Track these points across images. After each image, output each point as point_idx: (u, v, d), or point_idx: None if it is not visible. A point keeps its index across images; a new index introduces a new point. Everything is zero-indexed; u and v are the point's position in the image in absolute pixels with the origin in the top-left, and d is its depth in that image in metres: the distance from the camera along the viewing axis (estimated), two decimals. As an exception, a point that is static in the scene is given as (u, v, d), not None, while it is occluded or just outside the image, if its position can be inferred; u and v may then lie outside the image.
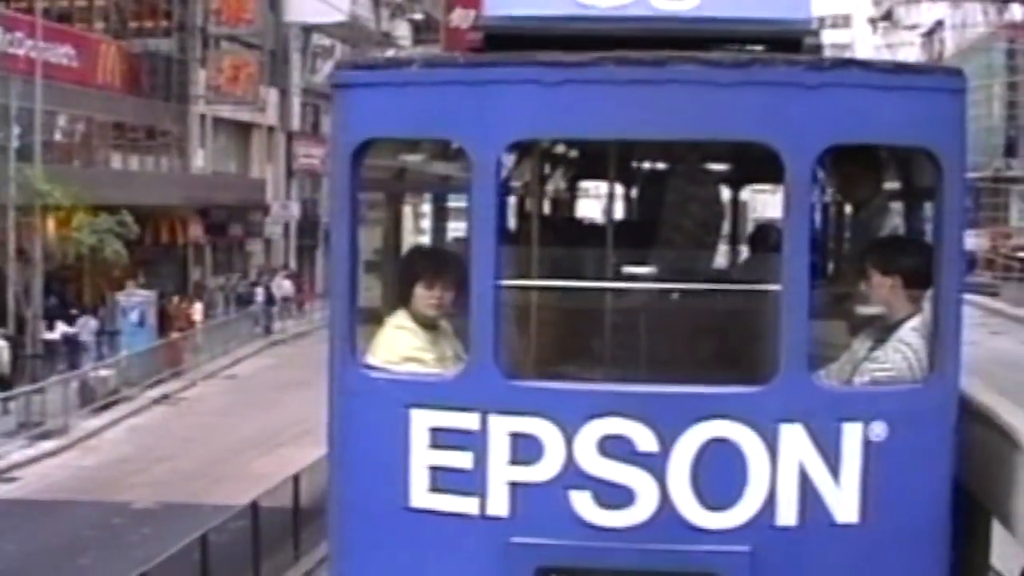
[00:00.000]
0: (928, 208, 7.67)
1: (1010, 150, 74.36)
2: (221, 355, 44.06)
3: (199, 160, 54.29)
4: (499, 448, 6.81)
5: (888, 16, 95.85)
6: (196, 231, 52.02)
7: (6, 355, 35.06)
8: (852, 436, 6.72)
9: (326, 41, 63.24)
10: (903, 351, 7.04)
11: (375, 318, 7.81)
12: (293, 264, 61.21)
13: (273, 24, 57.76)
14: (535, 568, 6.81)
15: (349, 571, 7.44)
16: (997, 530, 7.48)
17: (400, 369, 7.21)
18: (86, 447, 32.09)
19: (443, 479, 6.91)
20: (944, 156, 6.78)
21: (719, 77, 6.66)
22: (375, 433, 7.10)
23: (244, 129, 58.51)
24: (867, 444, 6.73)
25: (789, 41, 7.11)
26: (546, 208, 11.13)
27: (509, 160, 9.03)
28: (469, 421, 6.83)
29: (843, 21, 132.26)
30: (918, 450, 6.82)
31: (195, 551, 18.73)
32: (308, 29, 60.83)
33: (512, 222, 9.71)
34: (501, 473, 6.82)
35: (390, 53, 56.28)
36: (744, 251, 10.78)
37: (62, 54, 40.16)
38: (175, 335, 42.88)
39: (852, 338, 7.46)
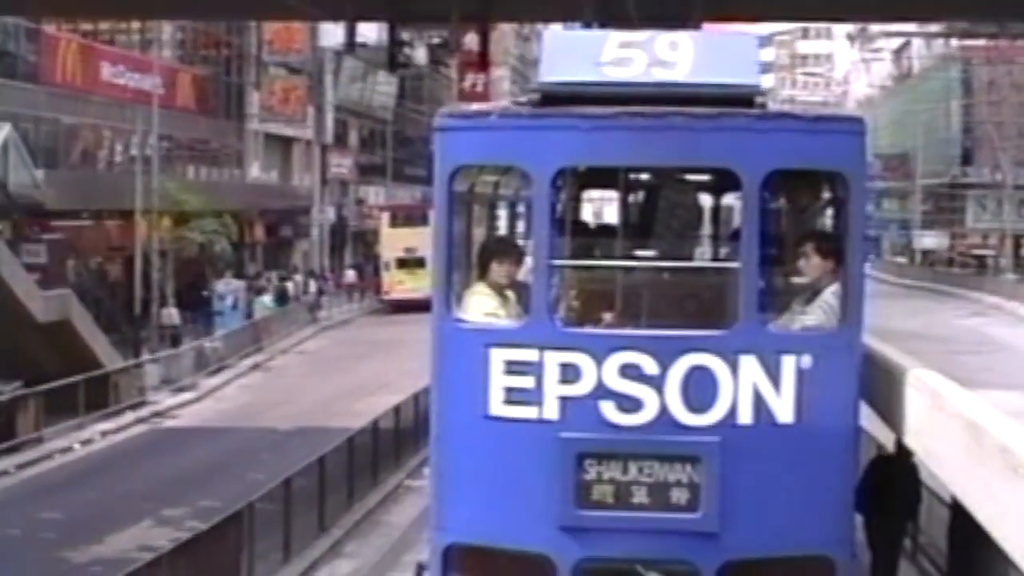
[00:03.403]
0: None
1: (966, 159, 74.57)
2: (287, 336, 45.75)
3: (254, 170, 55.75)
4: (552, 373, 8.46)
5: (863, 32, 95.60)
6: (259, 232, 53.68)
7: (178, 319, 40.16)
8: (789, 364, 8.43)
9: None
10: (824, 308, 8.86)
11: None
12: (327, 262, 62.16)
13: (309, 48, 58.76)
14: (576, 454, 8.47)
15: (446, 462, 9.09)
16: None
17: (482, 321, 8.94)
18: (215, 397, 35.61)
19: (513, 395, 8.56)
20: (851, 176, 8.71)
21: (698, 124, 8.51)
22: (465, 365, 8.74)
23: (286, 143, 59.78)
24: (799, 370, 8.43)
25: (745, 99, 8.88)
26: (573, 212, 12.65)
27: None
28: (531, 355, 8.50)
29: (826, 32, 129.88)
30: (833, 374, 8.57)
31: (345, 452, 22.20)
32: (340, 53, 61.14)
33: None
34: (553, 390, 8.47)
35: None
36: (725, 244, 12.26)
37: (149, 82, 41.63)
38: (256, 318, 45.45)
39: (792, 299, 9.24)
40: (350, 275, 61.02)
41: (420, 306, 45.54)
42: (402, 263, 54.02)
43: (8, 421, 26.04)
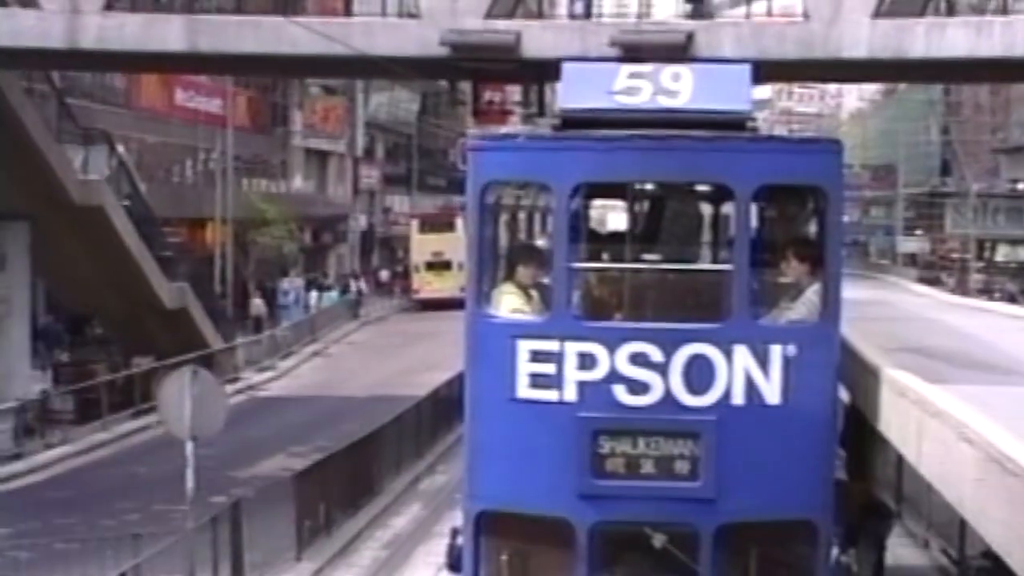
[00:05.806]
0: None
1: (945, 170, 74.48)
2: (335, 329, 46.34)
3: (297, 182, 56.15)
4: (571, 361, 8.84)
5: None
6: (307, 238, 54.13)
7: (264, 309, 43.37)
8: (775, 353, 8.83)
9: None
10: (807, 304, 9.28)
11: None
12: (357, 265, 62.40)
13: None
14: (592, 431, 8.85)
15: (478, 439, 9.48)
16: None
17: (510, 316, 9.32)
18: (292, 376, 37.68)
19: (537, 380, 8.94)
20: (829, 190, 9.12)
21: (697, 145, 8.95)
22: (495, 354, 9.13)
23: (323, 156, 59.81)
24: (785, 358, 8.82)
25: (738, 123, 9.33)
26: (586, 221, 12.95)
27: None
28: (553, 345, 8.88)
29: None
30: (814, 362, 8.98)
31: (431, 401, 25.69)
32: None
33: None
34: (572, 376, 8.85)
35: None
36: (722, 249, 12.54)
37: (215, 104, 43.11)
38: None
39: (779, 297, 9.63)
40: (384, 275, 61.95)
41: (447, 304, 46.65)
42: (430, 265, 54.72)
43: (146, 387, 28.22)
